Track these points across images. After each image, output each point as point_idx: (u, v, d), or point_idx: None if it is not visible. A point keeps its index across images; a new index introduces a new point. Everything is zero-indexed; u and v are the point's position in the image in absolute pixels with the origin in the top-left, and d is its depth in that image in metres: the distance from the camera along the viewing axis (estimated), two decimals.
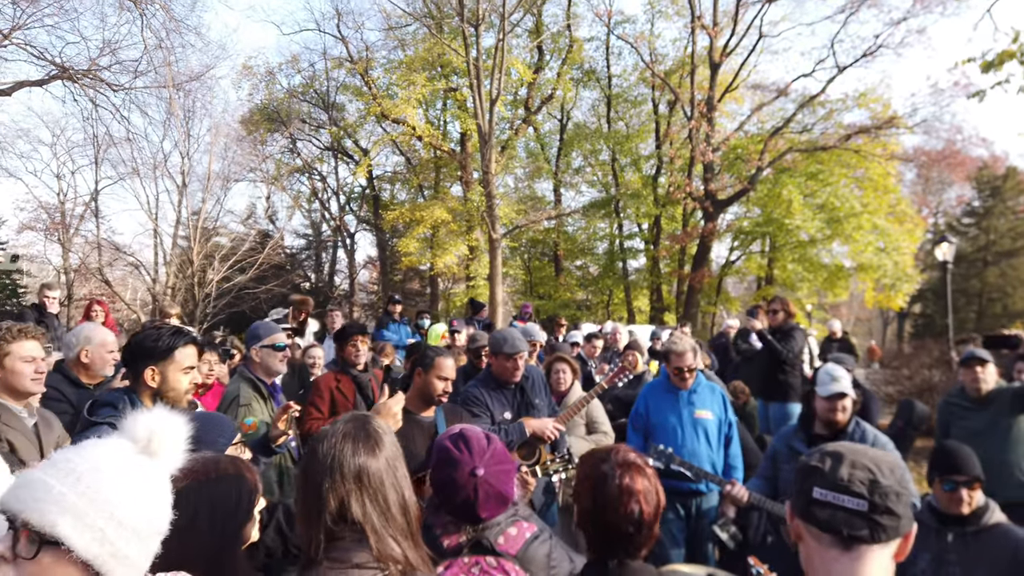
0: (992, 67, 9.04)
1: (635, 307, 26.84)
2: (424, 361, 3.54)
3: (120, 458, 1.30)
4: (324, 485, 1.57)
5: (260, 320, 6.99)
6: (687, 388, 4.43)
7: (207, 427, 2.17)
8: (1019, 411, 4.25)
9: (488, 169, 18.27)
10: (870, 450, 1.47)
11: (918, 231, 24.91)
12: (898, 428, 4.97)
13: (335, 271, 32.61)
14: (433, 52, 22.58)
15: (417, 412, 3.52)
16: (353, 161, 27.46)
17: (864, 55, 21.88)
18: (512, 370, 4.25)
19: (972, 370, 4.35)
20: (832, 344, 11.33)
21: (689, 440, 4.31)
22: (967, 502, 2.97)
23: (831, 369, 3.75)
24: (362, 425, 1.68)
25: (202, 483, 1.69)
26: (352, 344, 4.67)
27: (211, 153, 16.61)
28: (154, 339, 2.63)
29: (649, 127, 26.19)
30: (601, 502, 1.87)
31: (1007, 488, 4.07)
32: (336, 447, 1.61)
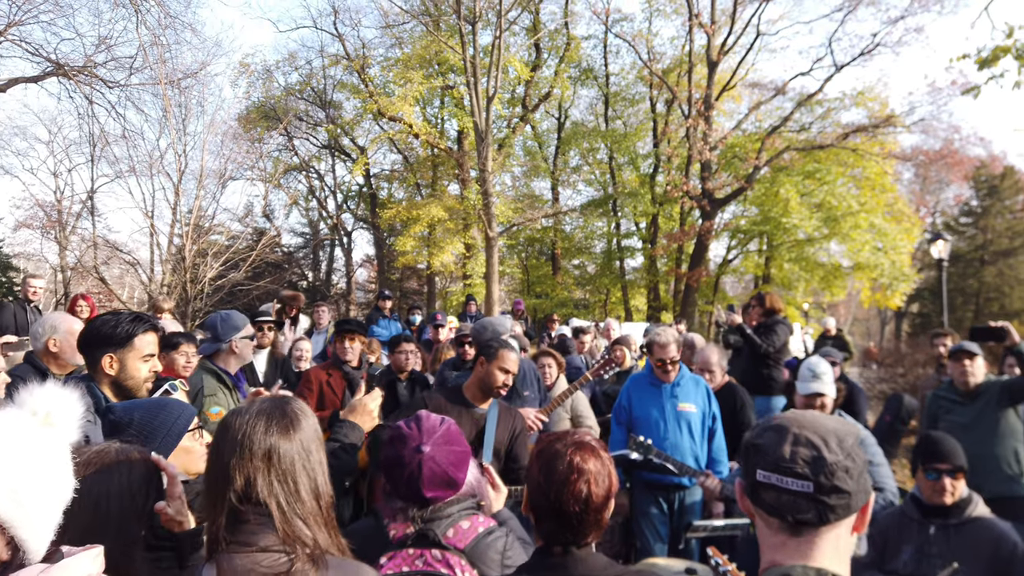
0: (987, 63, 9.01)
1: (632, 306, 26.79)
2: (488, 351, 3.47)
3: (23, 425, 1.27)
4: (231, 462, 1.53)
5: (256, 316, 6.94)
6: (670, 381, 4.39)
7: (157, 415, 2.10)
8: (1007, 405, 4.20)
9: (485, 167, 18.22)
10: (818, 419, 1.35)
11: (915, 230, 24.88)
12: (886, 422, 4.92)
13: (332, 269, 32.57)
14: (430, 50, 22.53)
15: (473, 402, 3.47)
16: (350, 159, 27.42)
17: (862, 54, 21.84)
18: None
19: (960, 363, 4.30)
20: (827, 341, 11.31)
21: (672, 433, 4.27)
22: (950, 492, 2.92)
23: (814, 364, 3.70)
24: (279, 406, 1.64)
25: (95, 474, 1.61)
26: (347, 339, 4.63)
27: (204, 150, 16.53)
28: (112, 325, 2.55)
29: (647, 126, 26.14)
30: (549, 479, 1.81)
31: (995, 482, 4.02)
32: (248, 424, 1.57)
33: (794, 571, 1.27)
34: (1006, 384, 4.20)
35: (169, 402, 2.20)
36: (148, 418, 2.04)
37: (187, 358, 4.42)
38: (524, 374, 4.48)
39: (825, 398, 3.60)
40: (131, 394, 2.58)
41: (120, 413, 2.05)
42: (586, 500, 1.77)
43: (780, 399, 6.26)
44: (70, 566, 1.21)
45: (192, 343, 4.50)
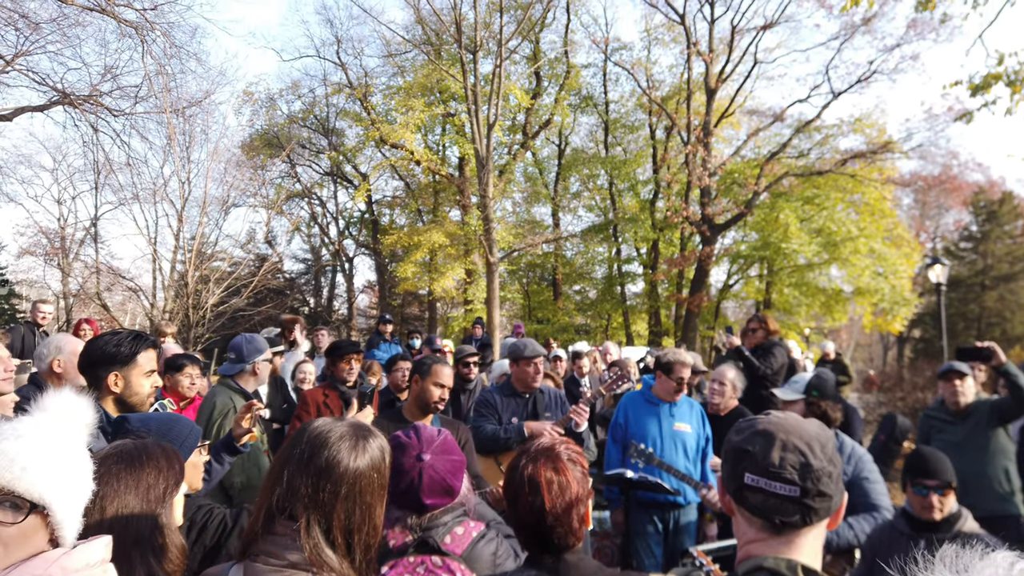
0: (980, 89, 9.16)
1: (633, 331, 26.81)
2: (421, 368, 3.58)
3: (52, 423, 1.41)
4: (287, 465, 1.55)
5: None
6: (676, 401, 4.45)
7: (172, 428, 2.19)
8: (997, 424, 4.24)
9: (486, 193, 18.38)
10: (801, 425, 1.42)
11: (915, 255, 24.95)
12: (880, 442, 4.95)
13: (334, 295, 32.68)
14: (432, 78, 22.83)
15: (412, 420, 3.53)
16: (352, 186, 27.65)
17: (859, 81, 22.09)
18: (533, 375, 4.41)
19: (951, 383, 4.34)
20: (826, 365, 11.31)
21: (668, 452, 4.32)
22: (938, 508, 2.95)
23: (795, 378, 3.77)
24: (359, 432, 1.64)
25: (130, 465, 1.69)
26: (346, 361, 4.68)
27: (208, 177, 16.72)
28: (116, 344, 2.63)
29: (646, 152, 26.37)
30: (508, 491, 1.85)
31: (986, 501, 4.05)
32: (321, 437, 1.58)
33: (766, 562, 1.35)
34: (996, 404, 4.25)
35: (180, 418, 2.29)
36: (164, 430, 2.14)
37: (191, 379, 4.50)
38: (549, 397, 4.57)
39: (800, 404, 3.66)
40: (135, 410, 2.66)
41: (137, 424, 2.15)
42: (539, 511, 1.77)
43: None
44: (84, 551, 1.33)
45: (196, 365, 4.58)
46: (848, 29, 21.83)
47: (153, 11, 14.01)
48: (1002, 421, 4.22)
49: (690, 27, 22.78)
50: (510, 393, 4.49)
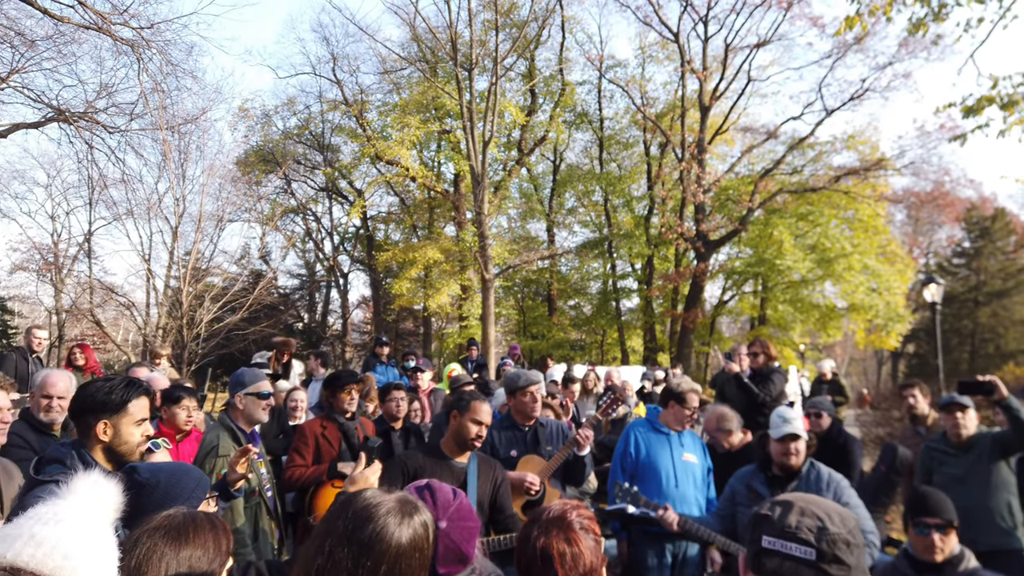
0: (973, 112, 9.21)
1: (629, 347, 26.78)
2: (460, 404, 3.53)
3: (93, 515, 1.44)
4: (331, 539, 1.51)
5: (247, 363, 6.92)
6: (679, 431, 4.44)
7: (181, 480, 2.15)
8: (999, 457, 4.21)
9: (481, 210, 18.38)
10: (823, 500, 1.45)
11: (909, 271, 25.03)
12: (882, 473, 4.92)
13: (328, 311, 32.59)
14: (427, 95, 22.89)
15: (451, 456, 3.49)
16: (347, 202, 27.66)
17: (851, 98, 22.27)
18: (531, 404, 4.34)
19: (952, 416, 4.32)
20: (823, 385, 11.25)
21: (682, 483, 4.30)
22: (940, 548, 2.92)
23: (782, 412, 3.75)
24: (407, 509, 1.60)
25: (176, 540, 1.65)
26: (347, 392, 4.62)
27: (204, 194, 16.69)
28: (106, 391, 2.56)
29: (641, 168, 26.46)
30: (522, 564, 1.80)
31: (989, 535, 4.02)
32: (369, 510, 1.55)
33: None
34: (997, 436, 4.23)
35: (190, 468, 2.25)
36: (173, 481, 2.10)
37: (188, 412, 4.41)
38: (551, 430, 4.51)
39: (799, 442, 3.63)
40: (124, 459, 2.58)
41: (146, 474, 2.10)
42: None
43: None
44: None
45: (194, 397, 4.50)
46: (840, 48, 22.02)
47: (149, 29, 13.99)
48: (1004, 454, 4.20)
49: (684, 45, 22.94)
50: (509, 426, 4.43)
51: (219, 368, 20.30)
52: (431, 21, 20.46)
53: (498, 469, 3.59)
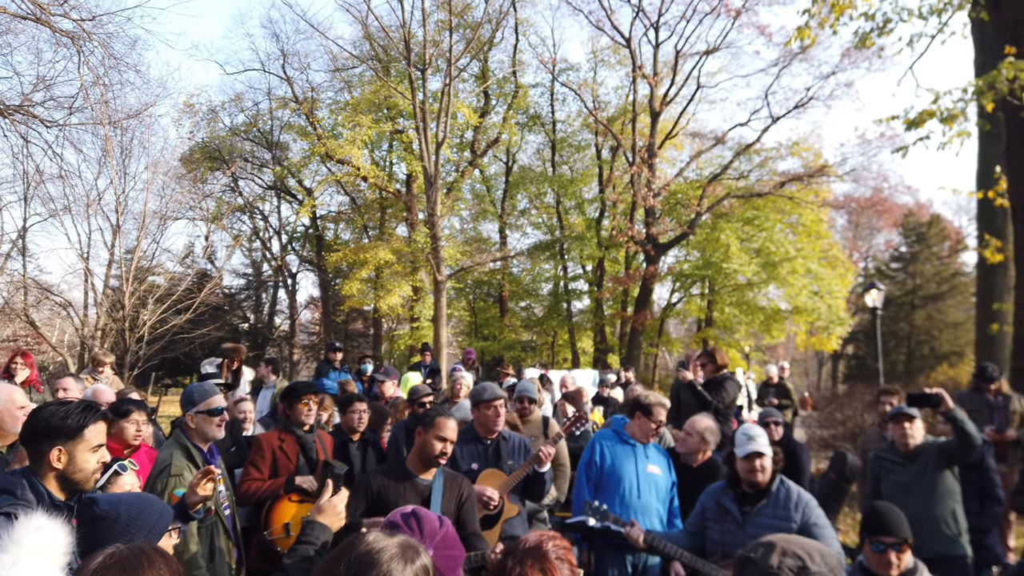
0: (915, 124, 9.55)
1: (579, 348, 26.98)
2: (425, 420, 3.48)
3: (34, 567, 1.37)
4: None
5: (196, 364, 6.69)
6: (644, 443, 4.46)
7: (143, 512, 2.07)
8: (944, 466, 4.37)
9: (434, 211, 18.30)
10: (804, 540, 1.51)
11: (849, 275, 25.82)
12: (831, 480, 5.06)
13: (275, 312, 31.99)
14: (379, 94, 22.68)
15: (416, 473, 3.44)
16: (296, 200, 27.20)
17: (796, 106, 22.86)
18: (494, 418, 4.33)
19: (900, 426, 4.46)
20: (769, 389, 11.52)
21: (644, 494, 4.32)
22: (896, 565, 3.00)
23: (747, 429, 3.81)
24: (410, 555, 1.61)
25: None
26: (304, 403, 4.51)
27: (148, 191, 16.19)
28: (61, 416, 2.42)
29: (592, 171, 26.69)
30: None
31: (934, 542, 4.17)
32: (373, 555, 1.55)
33: None
34: (943, 446, 4.39)
35: (152, 499, 2.17)
36: (134, 513, 2.02)
37: (137, 427, 4.24)
38: (514, 445, 4.48)
39: (764, 459, 3.67)
40: (78, 488, 2.45)
41: (105, 507, 2.02)
42: None
43: None
44: None
45: (143, 411, 4.33)
46: (786, 56, 22.58)
47: (91, 21, 13.49)
48: (949, 463, 4.37)
49: (635, 50, 23.21)
50: (472, 439, 4.40)
51: (161, 372, 19.74)
52: (384, 20, 20.29)
53: (464, 485, 3.56)
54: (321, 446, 4.56)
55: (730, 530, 3.67)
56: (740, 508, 3.69)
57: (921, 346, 32.09)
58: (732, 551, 3.62)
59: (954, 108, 9.06)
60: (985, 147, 13.64)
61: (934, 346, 31.64)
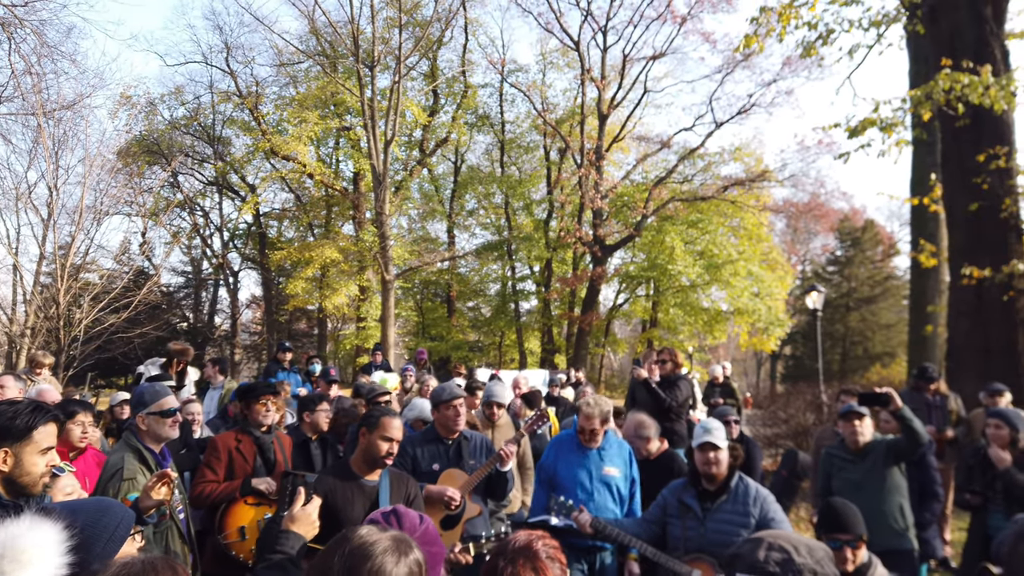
0: (856, 133, 9.90)
1: (527, 348, 27.10)
2: (369, 420, 3.40)
3: None
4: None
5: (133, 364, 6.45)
6: (595, 447, 4.47)
7: (101, 519, 1.96)
8: (892, 463, 4.53)
9: (382, 210, 18.11)
10: (791, 534, 1.54)
11: (788, 278, 26.58)
12: (783, 477, 5.19)
13: (216, 311, 31.15)
14: (326, 90, 22.33)
15: (361, 475, 3.36)
16: (239, 197, 26.56)
17: (739, 112, 23.46)
18: (454, 418, 4.29)
19: (851, 424, 4.60)
20: (715, 388, 11.73)
21: (596, 495, 4.34)
22: (851, 560, 3.09)
23: (707, 422, 3.88)
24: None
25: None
26: (262, 403, 4.40)
27: (84, 185, 15.55)
28: (9, 417, 2.30)
29: (541, 173, 26.85)
30: None
31: (883, 537, 4.30)
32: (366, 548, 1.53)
33: None
34: (891, 443, 4.54)
35: (111, 504, 2.06)
36: (92, 521, 1.90)
37: (83, 428, 4.08)
38: (475, 444, 4.44)
39: (718, 451, 3.72)
40: (25, 491, 2.34)
41: (62, 516, 1.91)
42: None
43: (682, 452, 6.48)
44: None
45: (89, 412, 4.17)
46: (730, 63, 23.14)
47: (23, 7, 12.97)
48: (897, 460, 4.52)
49: (584, 54, 23.46)
50: (433, 439, 4.37)
51: (96, 372, 19.00)
52: (332, 15, 19.98)
53: (411, 485, 3.52)
54: (279, 447, 4.45)
55: (691, 526, 3.72)
56: (701, 505, 3.75)
57: (855, 347, 33.27)
58: (694, 547, 3.68)
59: (893, 117, 9.42)
60: (919, 155, 14.22)
61: (867, 347, 32.85)
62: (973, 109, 8.71)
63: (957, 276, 9.02)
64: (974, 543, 4.62)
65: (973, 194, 8.99)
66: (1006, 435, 4.56)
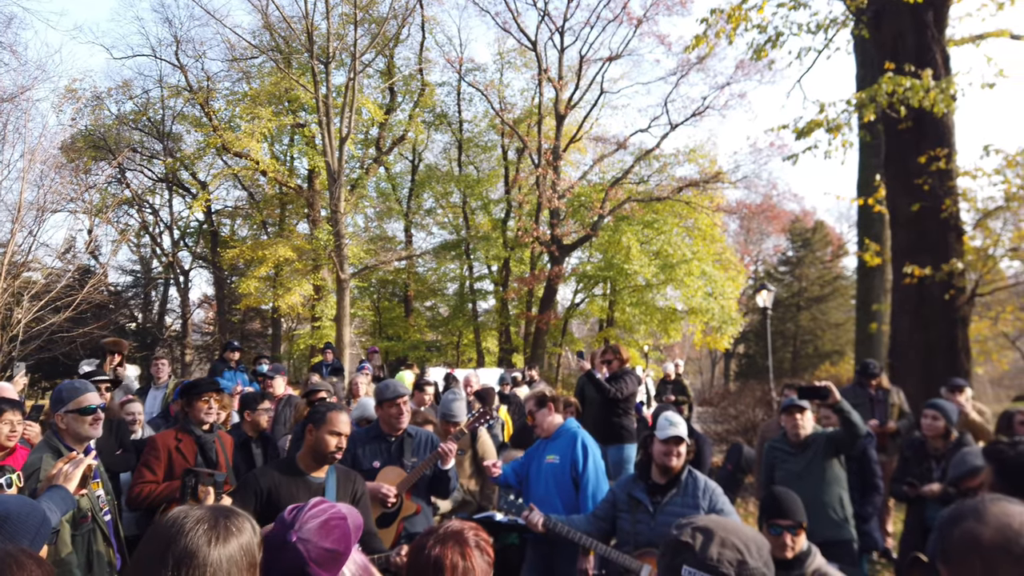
0: (803, 134, 10.10)
1: (484, 348, 27.05)
2: (315, 416, 3.34)
3: None
4: (145, 567, 1.39)
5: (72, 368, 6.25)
6: (549, 436, 4.55)
7: (29, 516, 1.91)
8: (832, 455, 4.63)
9: (337, 208, 17.86)
10: (740, 528, 1.53)
11: (741, 278, 27.00)
12: (728, 471, 5.27)
13: (166, 310, 30.42)
14: (280, 86, 21.98)
15: (307, 471, 3.30)
16: (190, 194, 25.98)
17: (693, 114, 23.79)
18: (397, 416, 4.26)
19: (792, 417, 4.69)
20: (667, 385, 11.86)
21: (540, 486, 4.44)
22: (790, 547, 3.14)
23: (669, 416, 3.90)
24: (223, 514, 1.49)
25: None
26: (204, 401, 4.29)
27: (24, 180, 15.03)
28: None
29: (499, 172, 26.83)
30: (413, 572, 1.82)
31: (823, 527, 4.39)
32: (177, 524, 1.42)
33: None
34: (831, 436, 4.64)
35: (36, 505, 2.01)
36: (23, 515, 1.89)
37: (11, 427, 3.93)
38: (420, 442, 4.39)
39: (682, 445, 3.78)
40: None
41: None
42: None
43: (632, 447, 6.53)
44: None
45: (17, 410, 4.02)
46: (684, 66, 23.46)
47: None
48: (836, 452, 4.63)
49: (541, 54, 23.51)
50: (376, 436, 4.33)
51: (38, 374, 18.40)
52: (285, 10, 19.61)
53: (358, 482, 3.47)
54: (221, 447, 4.35)
55: (641, 519, 3.76)
56: (651, 499, 3.78)
57: (806, 345, 34.04)
58: (644, 541, 3.70)
59: (839, 119, 9.64)
60: (865, 157, 14.58)
61: (817, 345, 33.64)
62: (915, 112, 8.96)
63: (900, 275, 9.26)
64: (911, 534, 4.75)
65: (915, 195, 9.23)
66: (942, 426, 4.69)
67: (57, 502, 2.59)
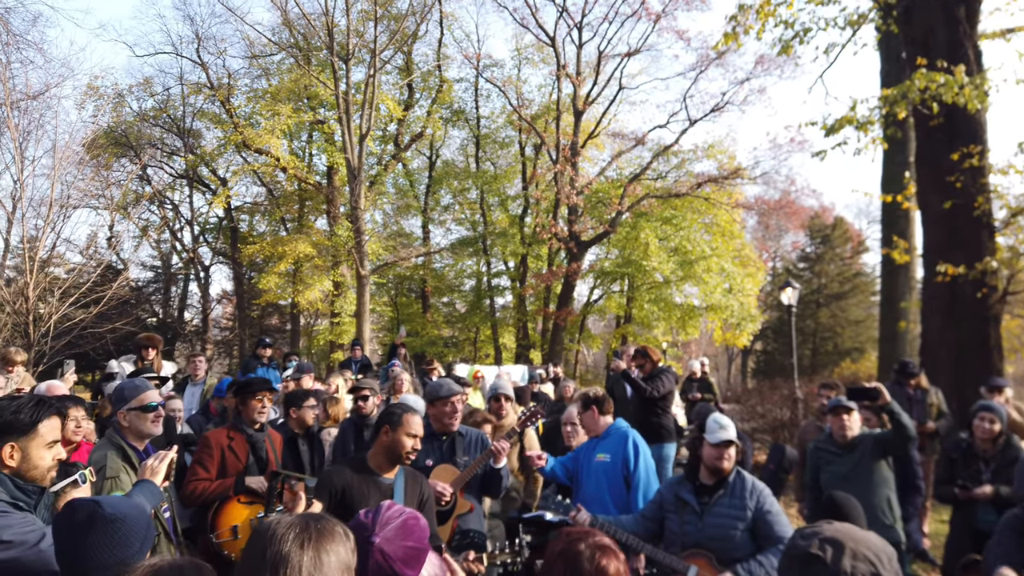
0: (833, 131, 10.03)
1: (501, 344, 27.05)
2: (391, 418, 3.37)
3: None
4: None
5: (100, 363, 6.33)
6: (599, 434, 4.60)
7: (139, 519, 1.96)
8: (880, 456, 4.60)
9: (357, 204, 17.93)
10: (868, 538, 1.51)
11: (760, 274, 26.86)
12: (770, 471, 5.26)
13: (186, 306, 30.64)
14: (300, 83, 22.05)
15: (379, 472, 3.34)
16: (210, 191, 26.12)
17: (713, 110, 23.62)
18: (450, 414, 4.29)
19: (839, 418, 4.66)
20: (693, 384, 11.81)
21: (591, 485, 4.49)
22: None
23: (719, 418, 3.88)
24: (314, 521, 1.53)
25: None
26: (258, 400, 4.33)
27: (54, 178, 15.19)
28: (13, 411, 2.30)
29: (516, 168, 26.78)
30: None
31: (872, 529, 4.37)
32: (269, 530, 1.47)
33: None
34: (878, 437, 4.62)
35: (144, 506, 2.07)
36: (134, 516, 1.96)
37: (76, 423, 4.01)
38: (470, 441, 4.42)
39: (732, 448, 3.75)
40: (33, 485, 2.35)
41: (111, 509, 1.95)
42: None
43: (671, 446, 6.51)
44: None
45: (80, 407, 4.09)
46: (704, 61, 23.29)
47: None
48: (884, 453, 4.60)
49: (559, 49, 23.44)
50: (427, 434, 4.34)
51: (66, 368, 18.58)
52: (305, 6, 19.66)
53: (424, 485, 3.50)
54: (271, 445, 4.39)
55: (689, 520, 3.74)
56: (699, 500, 3.76)
57: (825, 342, 33.81)
58: (691, 542, 3.70)
59: (870, 116, 9.57)
60: (890, 153, 14.44)
61: (837, 342, 33.41)
62: (947, 108, 8.87)
63: (931, 273, 9.19)
64: (959, 536, 4.70)
65: (947, 192, 9.16)
66: (998, 429, 4.65)
67: (148, 497, 2.66)
